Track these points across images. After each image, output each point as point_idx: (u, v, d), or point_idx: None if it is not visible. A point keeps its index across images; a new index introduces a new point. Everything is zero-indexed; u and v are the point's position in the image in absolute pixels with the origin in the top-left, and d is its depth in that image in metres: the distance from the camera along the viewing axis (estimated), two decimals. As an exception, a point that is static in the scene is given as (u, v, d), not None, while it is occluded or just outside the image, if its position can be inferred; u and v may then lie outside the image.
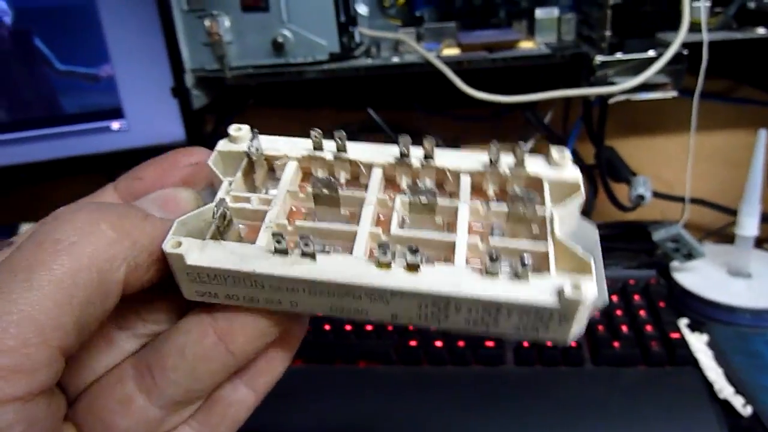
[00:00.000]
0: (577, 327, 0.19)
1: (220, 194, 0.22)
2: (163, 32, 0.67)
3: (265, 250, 0.20)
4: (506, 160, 0.23)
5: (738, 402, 0.49)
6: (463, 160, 0.23)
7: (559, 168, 0.22)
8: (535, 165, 0.23)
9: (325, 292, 0.19)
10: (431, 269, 0.19)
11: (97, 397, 0.21)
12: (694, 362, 0.53)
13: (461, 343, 0.55)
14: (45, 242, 0.18)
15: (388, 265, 0.19)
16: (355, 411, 0.51)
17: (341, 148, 0.23)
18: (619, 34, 0.54)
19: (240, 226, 0.22)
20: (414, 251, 0.18)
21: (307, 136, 0.24)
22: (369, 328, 0.58)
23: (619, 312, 0.58)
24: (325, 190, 0.21)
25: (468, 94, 0.57)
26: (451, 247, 0.20)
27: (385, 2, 0.65)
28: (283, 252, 0.19)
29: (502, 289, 0.18)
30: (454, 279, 0.19)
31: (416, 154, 0.23)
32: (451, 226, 0.22)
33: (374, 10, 0.66)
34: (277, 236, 0.19)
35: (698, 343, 0.55)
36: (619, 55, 0.54)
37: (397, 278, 0.19)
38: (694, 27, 0.53)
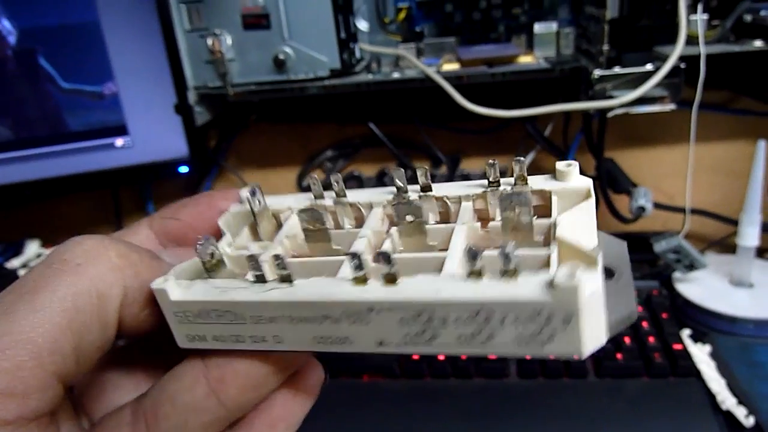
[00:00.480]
0: (590, 332, 0.16)
1: (219, 244, 0.21)
2: (166, 50, 0.68)
3: (246, 282, 0.19)
4: (508, 180, 0.22)
5: (740, 413, 0.48)
6: (463, 188, 0.22)
7: (565, 180, 0.21)
8: (538, 181, 0.22)
9: (305, 319, 0.18)
10: (410, 279, 0.17)
11: None
12: (696, 373, 0.53)
13: (464, 356, 0.55)
14: (54, 263, 0.19)
15: (363, 280, 0.18)
16: (358, 425, 0.51)
17: (340, 193, 0.23)
18: (617, 48, 0.55)
19: (236, 270, 0.21)
20: (388, 261, 0.17)
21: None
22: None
23: (621, 323, 0.58)
24: (311, 226, 0.21)
25: (467, 108, 0.58)
26: (441, 263, 0.19)
27: (385, 18, 0.66)
28: (261, 279, 0.19)
29: (487, 289, 0.16)
30: (435, 285, 0.17)
31: (414, 188, 0.22)
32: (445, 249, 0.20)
33: (374, 26, 0.67)
34: (252, 262, 0.19)
35: (701, 354, 0.55)
36: (617, 69, 0.55)
37: (373, 292, 0.17)
38: (692, 40, 0.54)
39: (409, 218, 0.20)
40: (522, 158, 0.21)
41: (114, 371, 0.23)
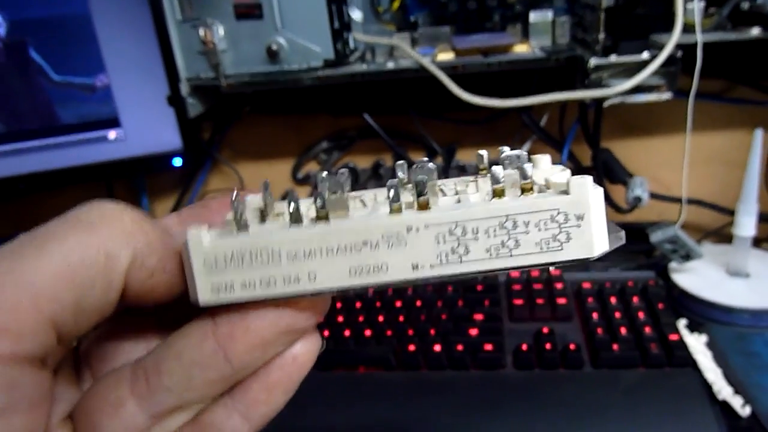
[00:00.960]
0: (598, 232, 0.18)
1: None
2: (158, 42, 0.67)
3: (281, 224, 0.20)
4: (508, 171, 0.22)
5: (737, 402, 0.48)
6: (458, 182, 0.23)
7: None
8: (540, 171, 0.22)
9: (343, 248, 0.19)
10: (441, 202, 0.20)
11: (92, 397, 0.21)
12: (693, 363, 0.53)
13: (460, 347, 0.55)
14: (69, 219, 0.19)
15: (399, 210, 0.19)
16: (354, 417, 0.51)
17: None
18: (613, 36, 0.54)
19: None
20: (422, 192, 0.19)
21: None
22: (368, 333, 0.58)
23: (617, 314, 0.58)
24: (333, 192, 0.20)
25: (463, 98, 0.57)
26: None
27: (379, 8, 0.66)
28: (298, 219, 0.20)
29: (512, 202, 0.18)
30: (465, 205, 0.19)
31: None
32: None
33: (368, 16, 0.66)
34: (291, 197, 0.19)
35: (697, 344, 0.55)
36: (613, 58, 0.54)
37: (410, 216, 0.19)
38: (688, 28, 0.54)
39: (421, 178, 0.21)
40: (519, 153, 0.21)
41: (127, 339, 0.23)
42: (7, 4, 0.67)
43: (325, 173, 0.21)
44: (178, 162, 0.76)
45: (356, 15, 0.65)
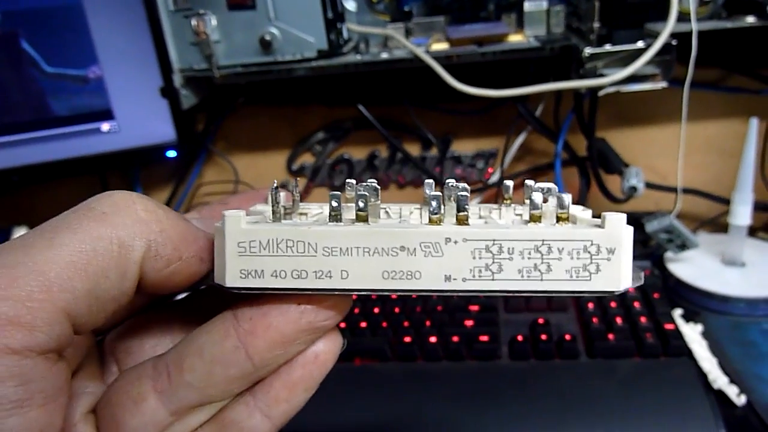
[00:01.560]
0: (625, 268, 0.19)
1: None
2: (151, 32, 0.66)
3: (321, 220, 0.20)
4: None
5: (732, 392, 0.49)
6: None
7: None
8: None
9: (380, 251, 0.19)
10: (480, 221, 0.21)
11: (115, 392, 0.21)
12: (688, 353, 0.53)
13: (455, 338, 0.55)
14: (80, 210, 0.19)
15: (439, 221, 0.20)
16: (350, 409, 0.51)
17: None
18: (608, 25, 0.54)
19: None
20: (462, 207, 0.19)
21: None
22: (363, 324, 0.58)
23: (613, 304, 0.58)
24: (370, 200, 0.21)
25: (457, 89, 0.57)
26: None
27: (373, -2, 0.65)
28: (338, 218, 0.20)
29: (549, 229, 0.19)
30: (503, 225, 0.20)
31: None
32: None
33: (362, 6, 0.66)
34: (334, 197, 0.20)
35: (692, 334, 0.55)
36: (608, 47, 0.54)
37: (450, 228, 0.19)
38: (683, 17, 0.53)
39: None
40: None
41: (152, 333, 0.23)
42: (-2, -5, 0.66)
43: (356, 183, 0.21)
44: (172, 154, 0.76)
45: (350, 5, 0.64)
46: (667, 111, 0.72)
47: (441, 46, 0.61)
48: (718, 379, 0.50)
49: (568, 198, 0.20)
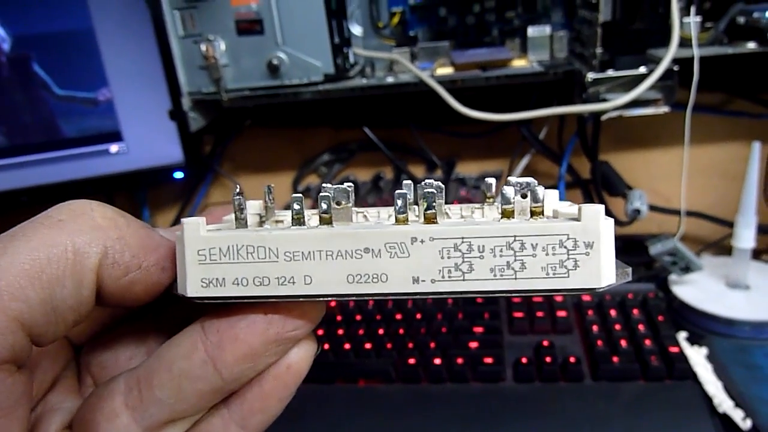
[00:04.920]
0: (606, 263, 0.18)
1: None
2: (161, 57, 0.68)
3: (283, 226, 0.20)
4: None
5: (738, 415, 0.48)
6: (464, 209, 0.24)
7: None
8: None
9: (343, 254, 0.18)
10: (449, 220, 0.20)
11: (88, 408, 0.20)
12: (693, 376, 0.53)
13: (460, 360, 0.55)
14: (37, 219, 0.19)
15: (405, 220, 0.19)
16: (354, 430, 0.51)
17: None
18: (611, 51, 0.55)
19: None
20: (430, 206, 0.19)
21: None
22: (368, 346, 0.58)
23: (617, 326, 0.58)
24: (338, 203, 0.20)
25: (462, 113, 0.57)
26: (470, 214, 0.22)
27: (379, 23, 0.66)
28: (300, 222, 0.19)
29: (521, 224, 0.18)
30: (472, 222, 0.19)
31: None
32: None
33: (368, 31, 0.67)
34: (296, 200, 0.19)
35: (697, 357, 0.55)
36: (610, 72, 0.55)
37: (415, 227, 0.18)
38: (685, 43, 0.54)
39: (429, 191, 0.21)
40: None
41: (126, 346, 0.23)
42: (12, 19, 0.67)
43: (329, 185, 0.20)
44: (179, 175, 0.77)
45: (356, 30, 0.65)
46: (669, 134, 0.73)
47: (446, 71, 0.62)
48: (724, 403, 0.50)
49: (542, 191, 0.19)
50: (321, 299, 0.19)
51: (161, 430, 0.20)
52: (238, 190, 0.20)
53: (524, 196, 0.19)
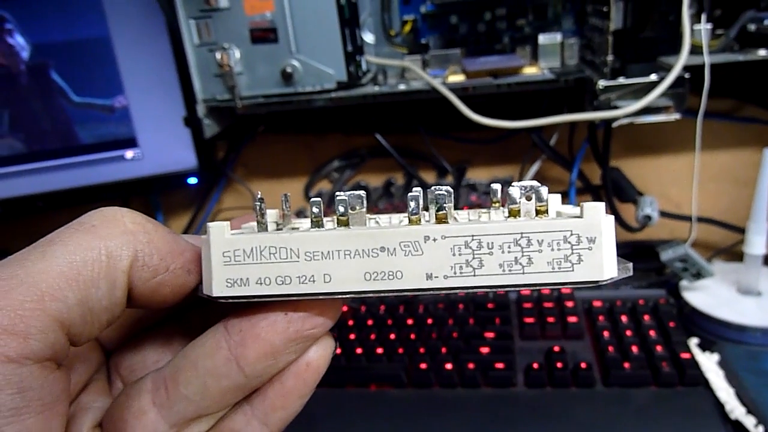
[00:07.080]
0: (609, 256, 0.19)
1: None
2: (176, 65, 0.69)
3: (302, 230, 0.21)
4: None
5: (750, 422, 0.48)
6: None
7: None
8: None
9: (361, 252, 0.20)
10: (459, 219, 0.21)
11: (117, 407, 0.21)
12: (705, 382, 0.53)
13: (471, 365, 0.56)
14: (72, 225, 0.20)
15: (418, 221, 0.20)
16: (367, 435, 0.52)
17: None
18: (622, 58, 0.55)
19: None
20: (441, 207, 0.20)
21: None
22: (380, 351, 0.59)
23: (629, 332, 0.58)
24: (345, 206, 0.21)
25: (473, 120, 0.58)
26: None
27: (391, 31, 0.67)
28: (319, 224, 0.20)
29: (528, 221, 0.19)
30: (482, 221, 0.20)
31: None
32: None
33: (380, 39, 0.67)
34: (314, 204, 0.20)
35: (709, 363, 0.55)
36: (621, 80, 0.55)
37: (428, 226, 0.20)
38: (696, 50, 0.54)
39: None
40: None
41: (154, 348, 0.24)
42: (31, 28, 0.69)
43: (342, 193, 0.21)
44: (193, 181, 0.78)
45: (369, 38, 0.66)
46: (680, 140, 0.73)
47: (457, 78, 0.62)
48: (736, 410, 0.50)
49: (545, 191, 0.20)
50: (339, 296, 0.20)
51: (187, 427, 0.21)
52: (259, 196, 0.21)
53: (529, 199, 0.20)
